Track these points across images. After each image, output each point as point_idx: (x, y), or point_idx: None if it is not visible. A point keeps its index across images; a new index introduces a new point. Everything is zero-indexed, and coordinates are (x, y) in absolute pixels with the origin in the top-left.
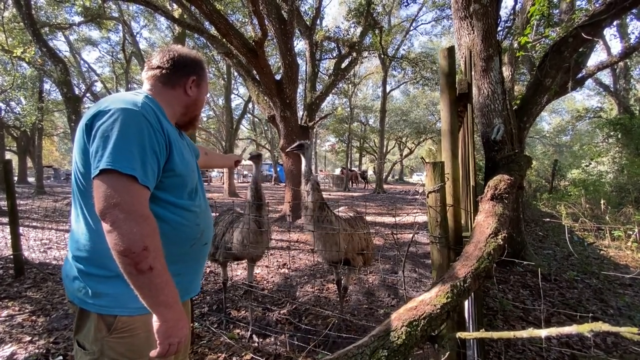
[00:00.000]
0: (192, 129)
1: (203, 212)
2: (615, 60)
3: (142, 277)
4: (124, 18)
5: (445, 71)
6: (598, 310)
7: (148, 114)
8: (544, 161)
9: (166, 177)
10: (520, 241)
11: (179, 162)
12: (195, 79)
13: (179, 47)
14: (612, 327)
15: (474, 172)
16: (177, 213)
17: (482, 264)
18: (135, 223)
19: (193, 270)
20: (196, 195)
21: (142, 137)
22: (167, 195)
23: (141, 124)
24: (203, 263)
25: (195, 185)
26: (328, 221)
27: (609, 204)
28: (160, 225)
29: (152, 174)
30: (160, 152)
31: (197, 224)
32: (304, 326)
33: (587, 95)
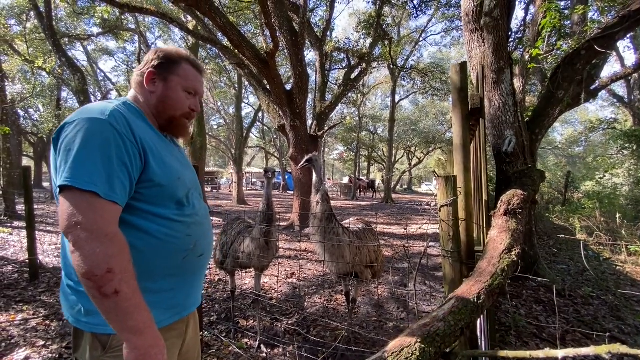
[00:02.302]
0: (178, 133)
1: (196, 222)
2: (630, 71)
3: (107, 301)
4: (140, 29)
5: (458, 86)
6: (615, 329)
7: (117, 122)
8: (557, 173)
9: (144, 187)
10: (533, 255)
11: (159, 172)
12: (153, 71)
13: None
14: (631, 350)
15: (486, 186)
16: (164, 224)
17: (496, 281)
18: (99, 243)
19: (188, 284)
20: (188, 205)
21: (108, 148)
22: (150, 207)
23: (106, 134)
24: (201, 276)
25: (187, 194)
26: (335, 233)
27: (624, 217)
28: (145, 238)
29: (121, 187)
30: (132, 163)
31: (188, 235)
32: (313, 337)
33: (600, 106)
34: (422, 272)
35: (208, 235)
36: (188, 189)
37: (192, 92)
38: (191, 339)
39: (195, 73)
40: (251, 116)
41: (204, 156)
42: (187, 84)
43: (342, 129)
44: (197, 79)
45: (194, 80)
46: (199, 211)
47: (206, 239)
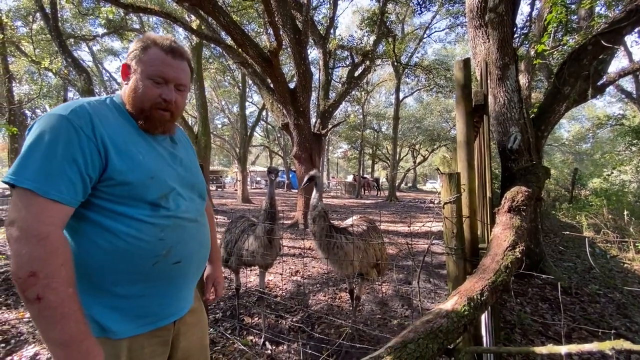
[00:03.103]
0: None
1: (175, 225)
2: (637, 66)
3: (31, 307)
4: (145, 29)
5: (461, 83)
6: (622, 327)
7: (77, 117)
8: (564, 170)
9: (107, 185)
10: (539, 253)
11: (124, 169)
12: (126, 64)
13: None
14: (635, 346)
15: (490, 183)
16: (130, 225)
17: (500, 278)
18: (26, 243)
19: (161, 292)
20: (165, 207)
21: (56, 144)
22: (116, 206)
23: (59, 131)
24: (178, 284)
25: (166, 194)
26: (339, 246)
27: (633, 214)
28: (110, 238)
29: (67, 185)
30: (87, 161)
31: (161, 239)
32: (317, 335)
33: (608, 102)
34: (427, 270)
35: (192, 241)
36: (170, 189)
37: (159, 79)
38: (192, 344)
39: (164, 57)
40: (255, 115)
41: (208, 155)
42: (151, 70)
43: (346, 127)
44: (165, 63)
45: (160, 65)
46: (183, 214)
47: (188, 245)
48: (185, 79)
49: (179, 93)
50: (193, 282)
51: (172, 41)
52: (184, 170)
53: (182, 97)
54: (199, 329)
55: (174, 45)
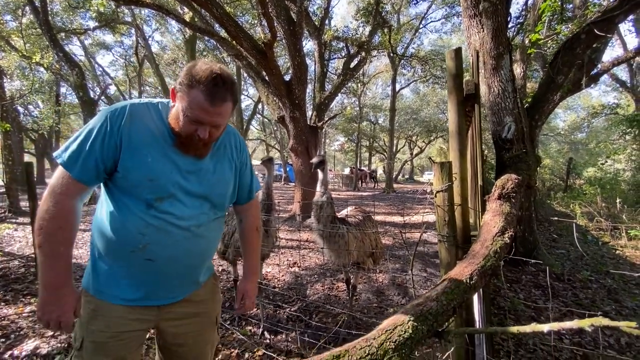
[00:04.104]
0: (185, 149)
1: (160, 227)
2: (631, 55)
3: (37, 250)
4: (137, 22)
5: (453, 72)
6: (612, 311)
7: (113, 115)
8: (559, 159)
9: (117, 176)
10: (533, 241)
11: (129, 166)
12: (174, 88)
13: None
14: (612, 322)
15: (481, 171)
16: (126, 214)
17: (489, 262)
18: (44, 203)
19: (135, 277)
20: (157, 209)
21: (90, 133)
22: (122, 195)
23: (98, 122)
24: (155, 278)
25: (162, 198)
26: (340, 235)
27: (626, 202)
28: (111, 218)
29: (83, 165)
30: (104, 151)
31: (141, 234)
32: (315, 323)
33: (603, 92)
34: (423, 260)
35: (174, 247)
36: (167, 194)
37: (195, 120)
38: (185, 334)
39: (203, 102)
40: (251, 108)
41: None
42: (189, 112)
43: (343, 120)
44: (203, 109)
45: (198, 110)
46: (174, 220)
47: (167, 249)
48: (222, 120)
49: (216, 129)
50: (176, 282)
51: (216, 80)
52: (197, 180)
53: (219, 131)
54: (198, 323)
55: (216, 89)
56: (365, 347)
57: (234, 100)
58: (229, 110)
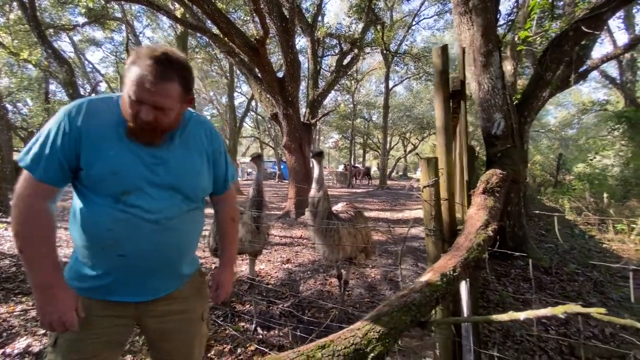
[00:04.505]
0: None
1: (128, 221)
2: (620, 52)
3: (20, 256)
4: (127, 18)
5: (439, 69)
6: (598, 302)
7: (71, 113)
8: (549, 155)
9: (82, 174)
10: (522, 235)
11: (90, 162)
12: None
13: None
14: (583, 309)
15: (468, 167)
16: (94, 211)
17: (472, 254)
18: (15, 209)
19: (109, 274)
20: (125, 203)
21: (50, 133)
22: (88, 191)
23: (56, 122)
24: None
25: (129, 191)
26: (335, 230)
27: (613, 197)
28: (81, 216)
29: (46, 166)
30: (65, 149)
31: (110, 230)
32: (307, 318)
33: (593, 88)
34: (414, 255)
35: (145, 241)
36: (134, 188)
37: (136, 100)
38: (169, 330)
39: (143, 78)
40: (244, 105)
41: None
42: (129, 89)
43: (337, 117)
44: (142, 86)
45: (137, 86)
46: (142, 213)
47: (138, 244)
48: (166, 101)
49: (162, 112)
50: (154, 278)
51: (159, 57)
52: (164, 172)
53: (167, 115)
54: (183, 320)
55: (158, 66)
56: (349, 338)
57: (183, 84)
58: (174, 93)
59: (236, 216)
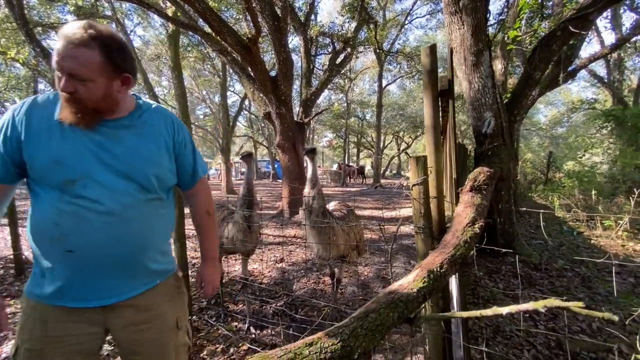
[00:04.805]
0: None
1: (74, 213)
2: (607, 51)
3: None
4: (117, 16)
5: (428, 68)
6: (585, 298)
7: (15, 110)
8: (540, 153)
9: (28, 168)
10: (512, 232)
11: (32, 154)
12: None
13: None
14: (563, 303)
15: (457, 165)
16: (41, 205)
17: (459, 251)
18: None
19: (63, 273)
20: (70, 194)
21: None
22: (36, 186)
23: (2, 120)
24: (82, 273)
25: (74, 181)
26: (330, 227)
27: (602, 194)
28: (32, 213)
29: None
30: (7, 145)
31: (56, 223)
32: (300, 317)
33: (582, 87)
34: (407, 252)
35: (94, 234)
36: (79, 176)
37: (57, 70)
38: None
39: (59, 46)
40: (237, 104)
41: None
42: (53, 63)
43: (331, 116)
44: (58, 53)
45: (55, 54)
46: (89, 204)
47: (86, 237)
48: (77, 66)
49: (81, 83)
50: (111, 277)
51: (77, 25)
52: (111, 157)
53: (87, 87)
54: (154, 329)
55: (74, 31)
56: (337, 334)
57: (104, 54)
58: (90, 60)
59: (211, 209)
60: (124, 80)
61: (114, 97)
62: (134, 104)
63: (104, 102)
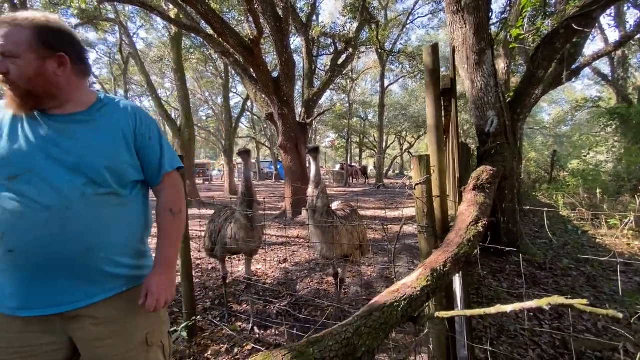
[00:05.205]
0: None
1: (14, 210)
2: (611, 49)
3: None
4: (120, 19)
5: (430, 67)
6: (590, 297)
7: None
8: (544, 152)
9: None
10: (516, 231)
11: None
12: None
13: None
14: (567, 300)
15: (459, 163)
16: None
17: (462, 250)
18: None
19: (11, 279)
20: (11, 189)
21: None
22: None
23: None
24: (27, 276)
25: (17, 176)
26: (334, 226)
27: (607, 193)
28: None
29: None
30: None
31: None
32: (304, 317)
33: (586, 85)
34: (411, 252)
35: (34, 231)
36: (22, 171)
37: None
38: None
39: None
40: (240, 106)
41: (192, 148)
42: None
43: (333, 116)
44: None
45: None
46: (27, 200)
47: (25, 235)
48: (5, 45)
49: (12, 62)
50: (56, 279)
51: (14, 13)
52: (60, 151)
53: (17, 65)
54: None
55: (6, 16)
56: (341, 333)
57: (34, 31)
58: (17, 35)
59: (175, 208)
60: (60, 60)
61: (50, 79)
62: (94, 98)
63: (38, 84)
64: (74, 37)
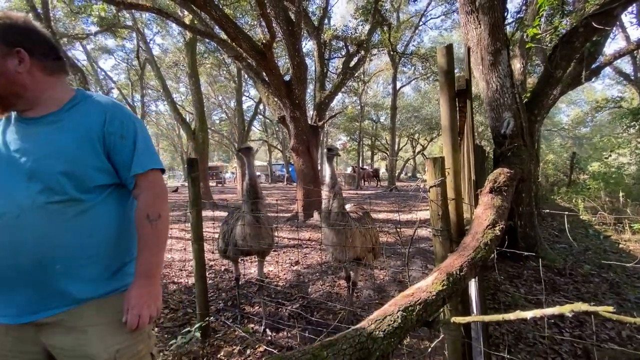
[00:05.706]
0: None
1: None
2: (633, 47)
3: None
4: (138, 26)
5: (444, 69)
6: (614, 304)
7: None
8: (562, 154)
9: None
10: (534, 235)
11: None
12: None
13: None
14: (591, 307)
15: (475, 166)
16: None
17: (479, 254)
18: None
19: None
20: None
21: None
22: None
23: None
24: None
25: None
26: (348, 229)
27: (630, 196)
28: None
29: None
30: None
31: None
32: (316, 320)
33: (607, 85)
34: (424, 256)
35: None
36: None
37: None
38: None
39: None
40: (252, 109)
41: (206, 151)
42: None
43: (345, 119)
44: None
45: None
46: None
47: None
48: None
49: None
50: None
51: None
52: (20, 157)
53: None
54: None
55: None
56: (355, 337)
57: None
58: None
59: (153, 214)
60: (18, 56)
61: (13, 78)
62: (70, 96)
63: (0, 84)
64: (36, 32)
